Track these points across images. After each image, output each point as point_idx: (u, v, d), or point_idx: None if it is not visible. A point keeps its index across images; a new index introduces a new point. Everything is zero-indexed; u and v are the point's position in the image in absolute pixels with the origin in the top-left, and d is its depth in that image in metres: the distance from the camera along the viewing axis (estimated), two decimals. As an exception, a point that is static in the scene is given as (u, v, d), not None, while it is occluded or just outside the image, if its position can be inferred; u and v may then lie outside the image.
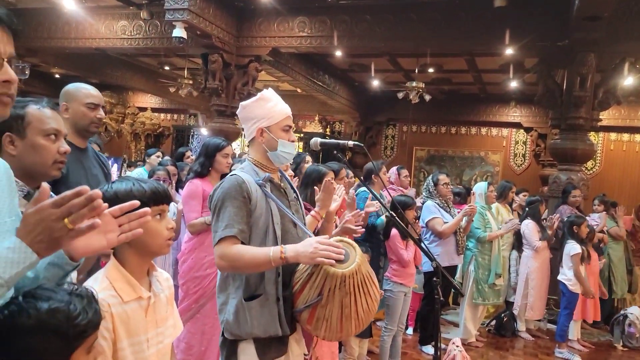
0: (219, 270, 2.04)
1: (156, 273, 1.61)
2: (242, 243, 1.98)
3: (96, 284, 1.43)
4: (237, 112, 2.26)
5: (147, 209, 1.21)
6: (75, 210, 1.05)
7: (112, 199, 1.39)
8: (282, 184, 2.22)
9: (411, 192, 6.57)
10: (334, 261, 1.84)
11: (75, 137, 2.57)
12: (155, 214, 1.49)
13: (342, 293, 1.86)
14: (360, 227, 3.13)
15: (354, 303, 1.89)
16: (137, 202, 1.20)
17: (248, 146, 2.25)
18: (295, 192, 2.31)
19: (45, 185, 1.10)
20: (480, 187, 5.53)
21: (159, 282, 1.60)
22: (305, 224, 2.25)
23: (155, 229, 1.48)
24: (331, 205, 2.51)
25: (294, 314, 2.03)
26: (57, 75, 12.79)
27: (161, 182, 4.03)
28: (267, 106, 2.13)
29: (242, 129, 2.33)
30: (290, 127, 2.18)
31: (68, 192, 1.05)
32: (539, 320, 6.14)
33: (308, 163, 4.73)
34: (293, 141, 2.18)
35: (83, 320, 1.12)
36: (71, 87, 2.62)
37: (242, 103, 2.20)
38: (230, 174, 2.11)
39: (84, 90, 2.58)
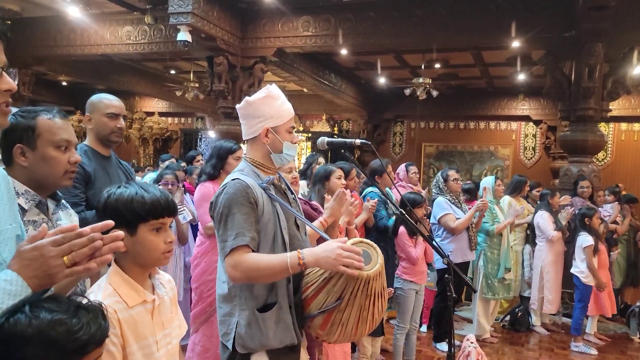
0: (233, 281, 1.90)
1: (158, 276, 1.61)
2: (253, 251, 1.87)
3: (100, 291, 1.44)
4: (237, 107, 2.08)
5: (119, 233, 1.18)
6: (76, 249, 1.08)
7: (113, 208, 1.45)
8: (282, 185, 2.15)
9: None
10: (356, 270, 1.73)
11: (99, 146, 2.70)
12: (154, 228, 1.48)
13: (364, 296, 1.79)
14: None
15: (372, 305, 1.83)
16: (111, 223, 1.18)
17: (244, 143, 2.12)
18: (292, 192, 2.22)
19: (44, 225, 1.11)
20: (487, 182, 5.49)
21: (162, 285, 1.60)
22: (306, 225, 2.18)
23: (151, 242, 1.48)
24: (341, 218, 2.47)
25: (304, 320, 1.97)
26: (64, 83, 12.89)
27: (169, 186, 4.07)
28: (275, 105, 2.01)
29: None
30: (294, 128, 2.09)
31: (70, 233, 1.08)
32: (554, 315, 6.09)
33: (320, 164, 4.73)
34: (296, 143, 2.10)
35: (84, 335, 1.08)
36: (94, 98, 2.70)
37: (248, 99, 2.03)
38: (231, 177, 1.97)
39: (105, 101, 2.67)
